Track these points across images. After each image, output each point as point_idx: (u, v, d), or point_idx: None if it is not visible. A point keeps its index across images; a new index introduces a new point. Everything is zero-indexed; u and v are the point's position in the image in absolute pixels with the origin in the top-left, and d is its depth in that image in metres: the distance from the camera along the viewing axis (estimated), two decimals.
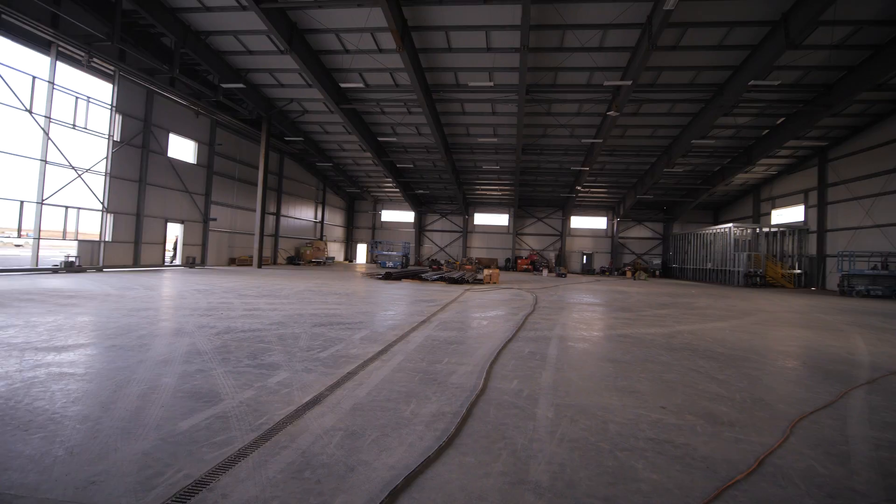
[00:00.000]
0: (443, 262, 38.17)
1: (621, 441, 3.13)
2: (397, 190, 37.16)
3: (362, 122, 24.90)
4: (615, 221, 38.02)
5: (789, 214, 26.92)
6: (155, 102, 19.10)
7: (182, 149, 21.48)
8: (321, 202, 37.20)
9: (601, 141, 22.72)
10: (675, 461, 2.84)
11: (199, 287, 12.62)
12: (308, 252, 32.46)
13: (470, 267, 31.65)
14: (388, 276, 19.40)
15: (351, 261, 43.59)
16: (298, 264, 31.02)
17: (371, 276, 21.01)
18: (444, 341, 6.46)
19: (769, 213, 28.81)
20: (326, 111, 23.89)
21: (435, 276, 19.82)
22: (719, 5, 13.31)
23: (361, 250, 44.18)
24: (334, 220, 40.26)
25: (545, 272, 31.88)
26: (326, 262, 34.07)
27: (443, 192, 37.95)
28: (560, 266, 36.77)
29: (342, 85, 19.32)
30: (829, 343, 7.34)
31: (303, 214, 34.33)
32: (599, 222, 39.53)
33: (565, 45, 16.41)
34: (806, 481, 2.62)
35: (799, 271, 24.60)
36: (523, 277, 26.38)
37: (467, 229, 40.97)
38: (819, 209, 23.67)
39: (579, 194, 34.30)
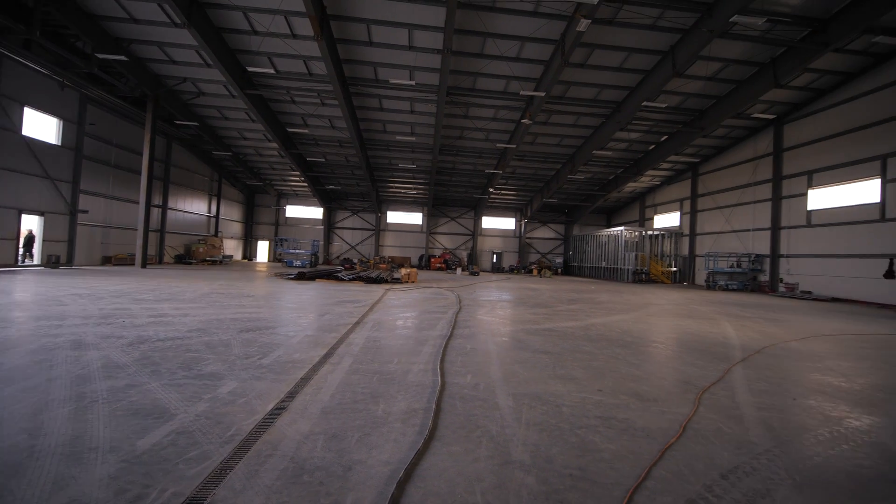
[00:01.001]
0: (356, 260, 37.45)
1: (576, 421, 3.67)
2: (305, 184, 35.58)
3: (269, 110, 23.44)
4: (523, 222, 40.82)
5: (668, 220, 31.58)
6: (4, 68, 15.91)
7: (42, 126, 18.17)
8: (216, 195, 34.09)
9: (514, 146, 24.31)
10: (623, 433, 3.44)
11: (79, 291, 10.94)
12: (201, 250, 29.57)
13: (384, 266, 31.59)
14: (301, 277, 18.63)
15: (250, 259, 40.60)
16: (190, 263, 28.10)
17: (281, 276, 19.95)
18: (386, 342, 6.61)
19: (652, 218, 33.47)
20: (227, 95, 22.04)
21: (351, 276, 19.55)
22: (622, 32, 15.24)
23: (263, 248, 41.43)
24: (231, 215, 37.15)
25: (459, 271, 33.06)
26: (223, 261, 31.38)
27: (355, 188, 37.25)
28: (473, 265, 38.45)
29: (249, 69, 18.05)
30: (708, 330, 8.98)
31: (194, 208, 31.14)
32: (508, 223, 42.07)
33: (485, 52, 17.33)
34: (719, 438, 3.39)
35: (675, 269, 29.02)
36: (438, 276, 27.11)
37: (380, 227, 40.73)
38: (691, 216, 28.22)
39: (491, 196, 36.19)
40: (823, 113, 18.92)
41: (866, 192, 17.21)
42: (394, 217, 41.44)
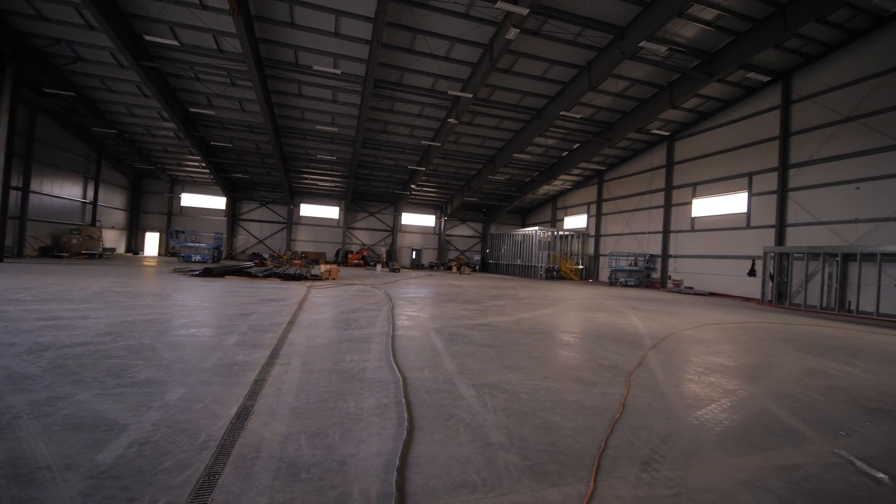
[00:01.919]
0: (266, 256, 35.30)
1: (535, 405, 4.12)
2: (206, 171, 32.71)
3: (168, 85, 21.14)
4: (443, 220, 41.73)
5: (576, 221, 34.61)
6: None
7: None
8: (94, 178, 29.81)
9: (439, 144, 24.83)
10: (577, 413, 3.96)
11: None
12: (75, 241, 25.66)
13: (299, 262, 30.29)
14: (208, 273, 17.29)
15: (136, 253, 36.15)
16: (61, 257, 24.27)
17: (182, 272, 18.25)
18: (331, 341, 6.57)
19: (563, 220, 36.40)
20: (114, 64, 19.45)
21: (265, 272, 18.62)
22: (546, 43, 16.41)
23: (152, 240, 37.14)
24: (113, 202, 32.76)
25: (379, 267, 32.84)
26: (104, 255, 27.61)
27: (265, 177, 35.07)
28: (392, 261, 38.44)
29: (147, 37, 16.13)
30: (620, 322, 10.21)
31: (65, 192, 26.92)
32: (428, 220, 42.71)
33: (415, 48, 17.50)
34: (651, 412, 4.06)
35: (581, 267, 31.94)
36: (358, 272, 26.75)
37: (292, 220, 38.85)
38: (597, 218, 31.29)
39: (412, 192, 36.47)
40: (707, 133, 22.27)
41: (737, 203, 20.67)
42: (308, 210, 39.76)
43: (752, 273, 19.06)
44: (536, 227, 32.16)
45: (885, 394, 5.14)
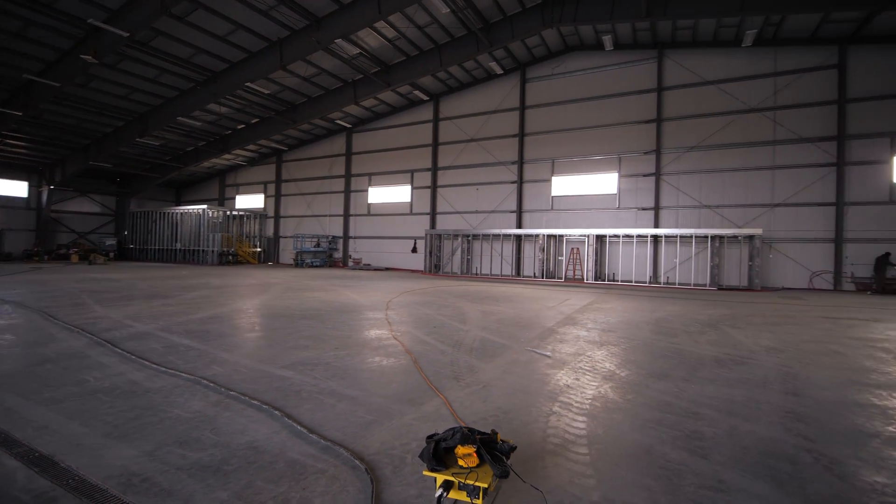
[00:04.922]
0: None
1: (353, 368, 5.10)
2: None
3: None
4: (47, 189, 31.31)
5: (252, 201, 33.72)
6: None
7: None
8: None
9: (57, 85, 18.86)
10: (387, 367, 5.22)
11: None
12: None
13: None
14: None
15: None
16: None
17: None
18: (29, 361, 5.10)
19: (234, 198, 34.58)
20: None
21: None
22: (234, 4, 15.37)
23: None
24: None
25: None
26: None
27: None
28: None
29: None
30: (340, 298, 11.71)
31: None
32: (16, 188, 31.06)
33: None
34: (429, 353, 5.80)
35: (260, 249, 31.64)
36: None
37: None
38: (276, 199, 31.64)
39: None
40: (381, 131, 26.82)
41: (403, 193, 26.12)
42: None
43: (414, 250, 24.80)
44: (205, 206, 29.38)
45: (524, 318, 8.90)
